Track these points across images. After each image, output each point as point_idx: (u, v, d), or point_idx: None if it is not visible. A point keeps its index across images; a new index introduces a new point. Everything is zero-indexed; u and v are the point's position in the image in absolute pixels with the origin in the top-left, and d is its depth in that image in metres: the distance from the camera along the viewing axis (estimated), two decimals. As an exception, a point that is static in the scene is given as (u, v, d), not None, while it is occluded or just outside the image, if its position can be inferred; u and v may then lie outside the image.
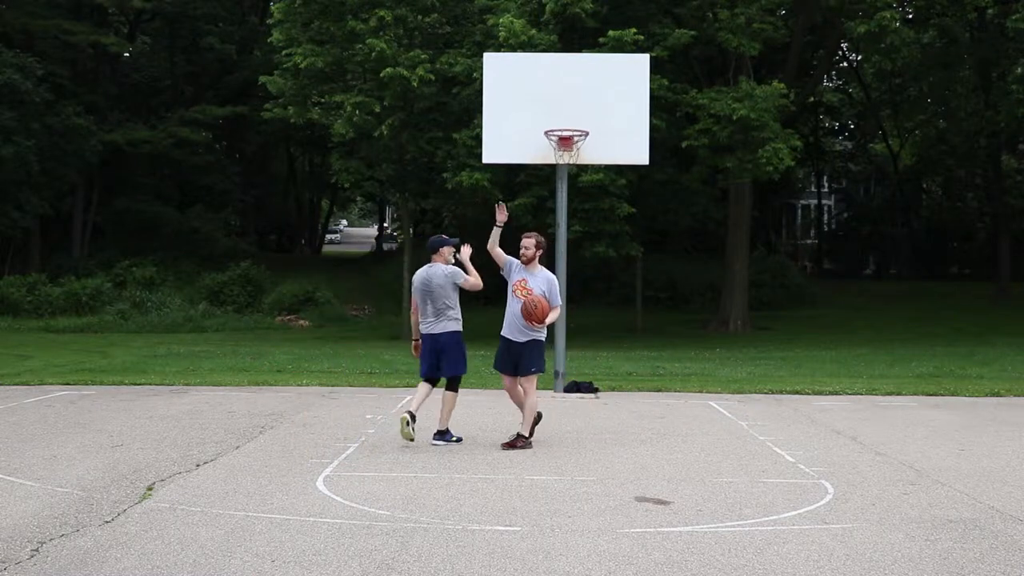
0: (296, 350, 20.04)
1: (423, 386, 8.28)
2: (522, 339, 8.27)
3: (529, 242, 8.35)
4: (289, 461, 7.50)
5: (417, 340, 8.47)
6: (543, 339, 8.39)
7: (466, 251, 8.44)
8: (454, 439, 8.37)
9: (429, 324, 8.25)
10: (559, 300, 8.56)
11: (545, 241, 8.54)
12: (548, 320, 8.15)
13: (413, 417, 7.98)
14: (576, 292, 27.72)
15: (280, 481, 6.74)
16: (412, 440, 8.04)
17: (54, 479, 6.74)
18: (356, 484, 6.67)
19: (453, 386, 8.41)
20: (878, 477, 7.10)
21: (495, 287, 9.51)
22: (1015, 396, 12.48)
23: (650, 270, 30.74)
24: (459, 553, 5.00)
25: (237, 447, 8.12)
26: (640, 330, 27.77)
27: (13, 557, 4.86)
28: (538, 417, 8.45)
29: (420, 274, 8.35)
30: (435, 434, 8.37)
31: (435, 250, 8.37)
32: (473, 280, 8.28)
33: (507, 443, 8.19)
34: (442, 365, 8.29)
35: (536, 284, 8.29)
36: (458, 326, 8.32)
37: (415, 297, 8.37)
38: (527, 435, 8.25)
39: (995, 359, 17.72)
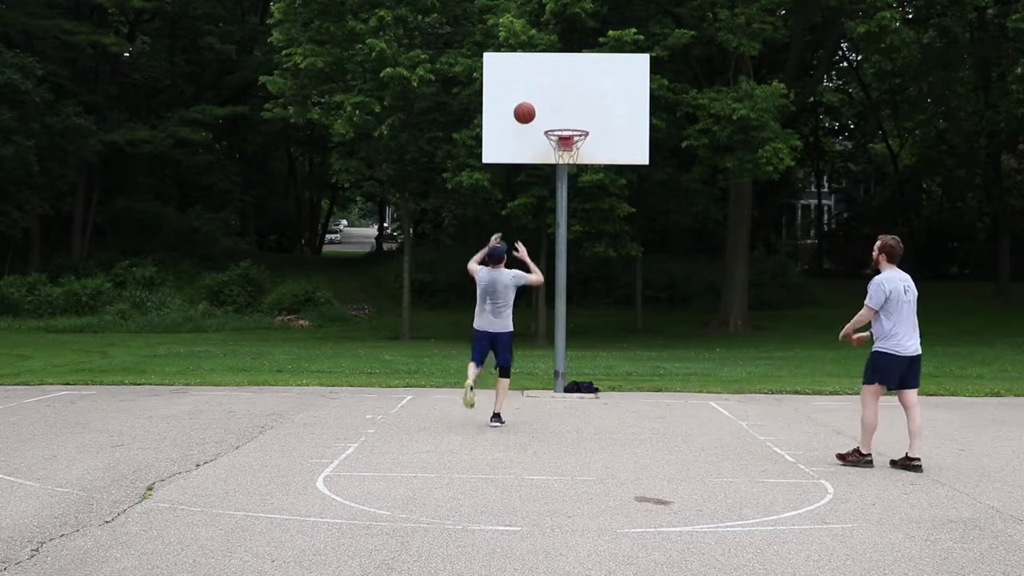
0: (296, 350, 20.03)
1: (473, 367, 9.29)
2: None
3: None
4: (289, 461, 7.49)
5: None
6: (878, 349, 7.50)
7: (522, 249, 9.67)
8: (503, 423, 9.43)
9: (486, 322, 9.29)
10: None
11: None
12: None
13: (471, 388, 9.11)
14: (576, 292, 27.76)
15: (280, 481, 6.73)
16: (472, 406, 9.13)
17: (54, 479, 6.74)
18: (356, 484, 6.67)
19: (506, 373, 9.51)
20: (878, 477, 7.10)
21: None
22: (1015, 396, 12.47)
23: (650, 270, 30.73)
24: (459, 553, 5.00)
25: (237, 447, 8.12)
26: (640, 330, 27.76)
27: (13, 557, 4.86)
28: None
29: (485, 275, 9.33)
30: (492, 416, 9.43)
31: (501, 259, 9.33)
32: (535, 277, 9.54)
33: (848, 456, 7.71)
34: (498, 355, 9.38)
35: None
36: (512, 326, 9.44)
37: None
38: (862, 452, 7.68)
39: (995, 359, 17.71)
